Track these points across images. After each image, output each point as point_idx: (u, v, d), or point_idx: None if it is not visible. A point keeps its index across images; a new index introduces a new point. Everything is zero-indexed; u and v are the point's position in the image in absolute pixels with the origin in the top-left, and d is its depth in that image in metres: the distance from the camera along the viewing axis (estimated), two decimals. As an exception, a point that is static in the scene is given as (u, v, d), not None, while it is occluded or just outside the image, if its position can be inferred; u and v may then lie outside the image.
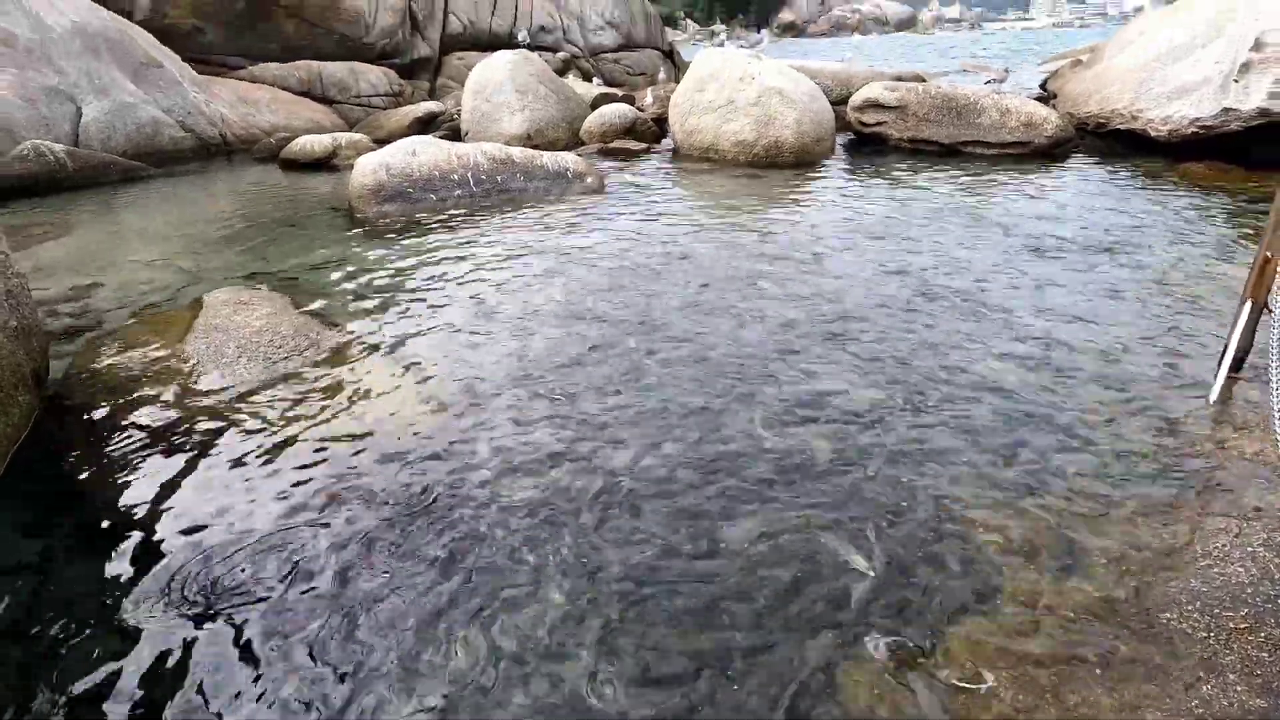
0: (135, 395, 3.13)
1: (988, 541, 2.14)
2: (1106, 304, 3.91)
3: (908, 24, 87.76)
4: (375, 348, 3.58)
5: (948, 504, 2.32)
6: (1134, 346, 3.39)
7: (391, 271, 4.76)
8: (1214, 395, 2.86)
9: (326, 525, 2.29)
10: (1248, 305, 2.88)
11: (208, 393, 3.12)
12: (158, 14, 10.84)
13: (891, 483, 2.43)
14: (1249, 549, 2.04)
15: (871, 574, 2.03)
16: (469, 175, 6.63)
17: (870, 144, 9.15)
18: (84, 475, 2.64)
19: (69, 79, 8.17)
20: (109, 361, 3.41)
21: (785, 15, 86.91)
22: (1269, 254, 2.78)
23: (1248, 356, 3.01)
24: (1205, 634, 1.78)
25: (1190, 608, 1.86)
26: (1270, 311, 2.88)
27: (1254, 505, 2.25)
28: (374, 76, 12.69)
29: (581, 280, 4.46)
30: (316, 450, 2.71)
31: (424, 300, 4.21)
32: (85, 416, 3.02)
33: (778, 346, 3.47)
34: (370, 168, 6.48)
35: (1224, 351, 2.94)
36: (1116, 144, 8.34)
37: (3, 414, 2.73)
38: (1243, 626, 1.79)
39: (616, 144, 9.45)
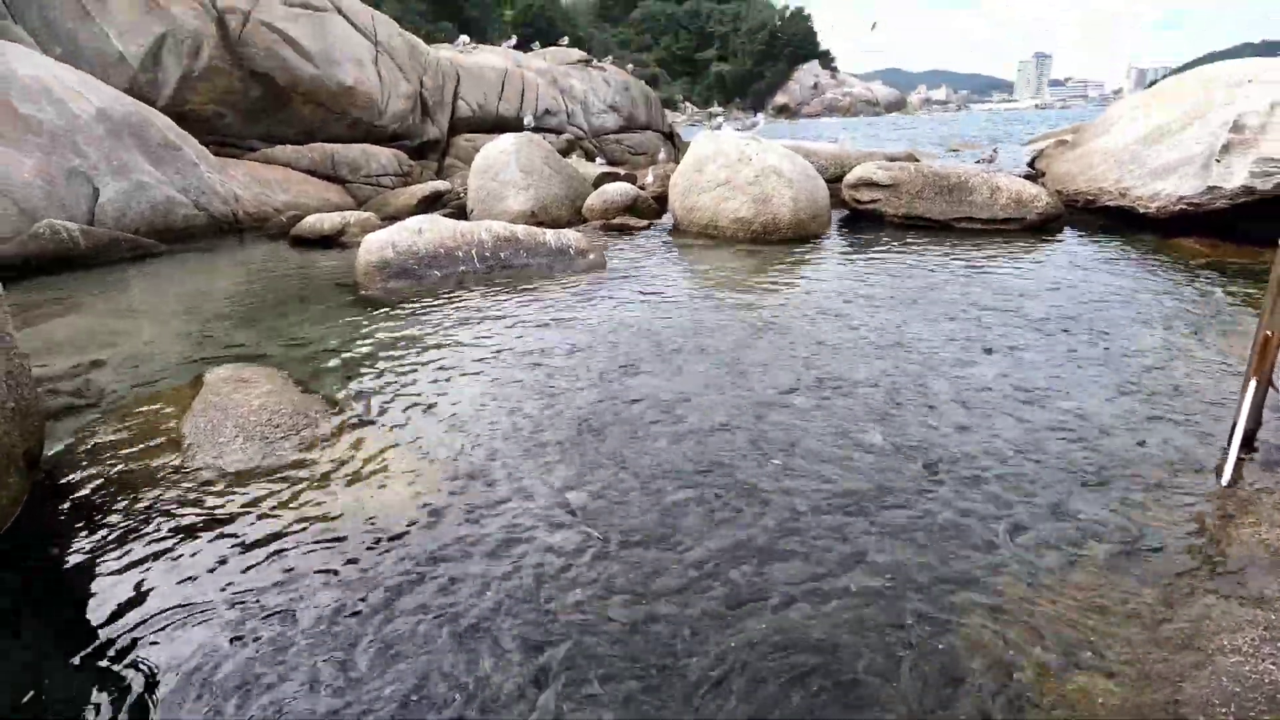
0: (128, 477, 3.08)
1: (1001, 635, 2.05)
2: (1109, 383, 3.90)
3: (897, 106, 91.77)
4: (371, 426, 3.55)
5: (952, 595, 2.23)
6: (1139, 427, 3.35)
7: (393, 348, 4.78)
8: (1226, 476, 2.81)
9: (313, 621, 2.21)
10: (1253, 383, 2.87)
11: (202, 475, 3.07)
12: (180, 100, 11.33)
13: (890, 571, 2.35)
14: (1280, 643, 1.95)
15: (877, 679, 1.93)
16: (473, 252, 6.76)
17: (866, 220, 9.37)
18: (70, 564, 2.56)
19: (89, 161, 8.46)
20: (105, 441, 3.38)
21: (780, 98, 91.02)
22: (1269, 332, 2.79)
23: (1257, 434, 2.98)
24: (1243, 740, 1.67)
25: (1225, 710, 1.75)
26: (1276, 389, 2.87)
27: (1280, 594, 2.16)
28: (384, 157, 13.14)
29: (580, 358, 4.47)
30: (307, 538, 2.63)
31: (422, 378, 4.21)
32: (76, 499, 2.97)
33: (775, 426, 3.44)
34: (377, 245, 6.62)
35: (1233, 431, 2.90)
36: (1106, 219, 8.54)
37: (-9, 498, 2.68)
38: (1282, 731, 1.69)
39: (618, 221, 9.69)
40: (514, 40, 22.78)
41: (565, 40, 26.50)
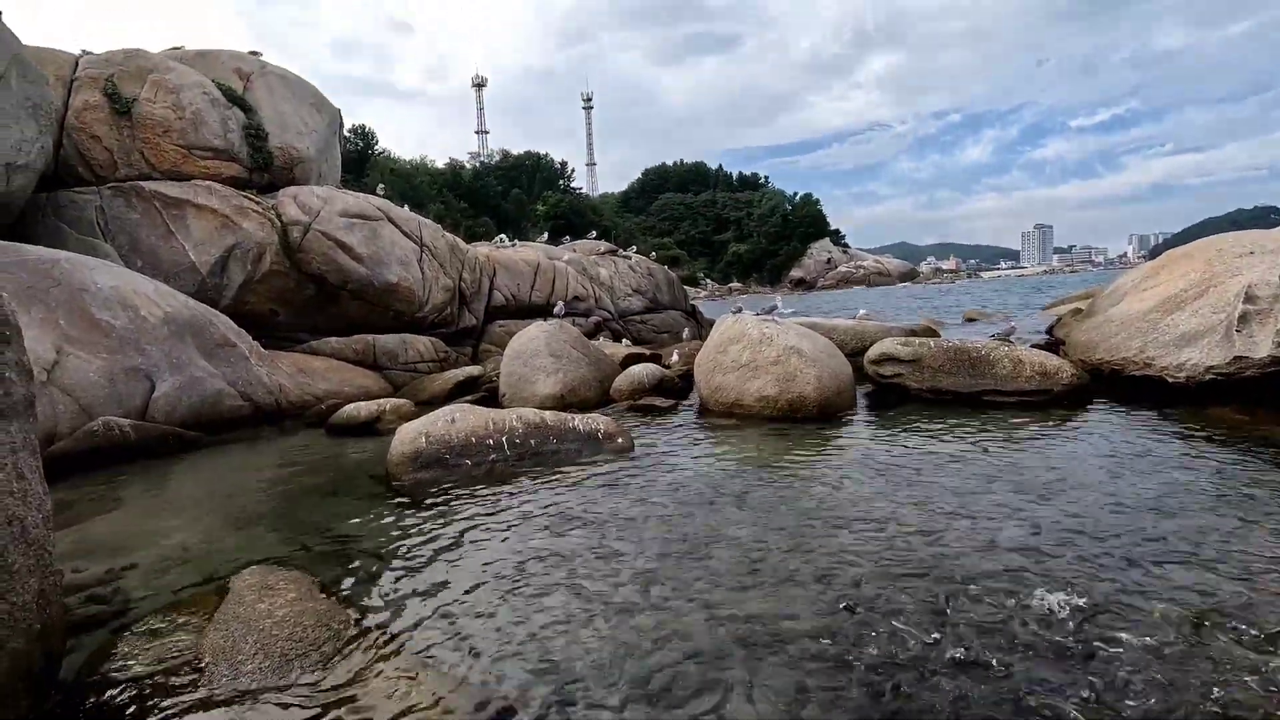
0: (142, 701, 2.95)
1: None
2: (1181, 581, 3.65)
3: (909, 276, 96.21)
4: (396, 640, 3.40)
5: None
6: (1228, 640, 3.08)
7: (422, 548, 4.71)
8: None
9: None
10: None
11: (216, 700, 2.93)
12: (240, 301, 12.36)
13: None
14: None
15: None
16: (504, 440, 6.88)
17: (890, 393, 9.42)
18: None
19: (150, 360, 9.07)
20: (123, 661, 3.28)
21: (795, 272, 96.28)
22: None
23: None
24: None
25: None
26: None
27: None
28: (422, 345, 13.89)
29: (612, 553, 4.35)
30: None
31: (450, 584, 4.07)
32: (84, 728, 2.83)
33: (817, 626, 3.24)
34: (410, 436, 6.78)
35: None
36: (1132, 389, 8.45)
37: (-1, 733, 2.57)
38: None
39: (645, 401, 9.89)
40: (545, 235, 24.90)
41: (594, 234, 28.97)
